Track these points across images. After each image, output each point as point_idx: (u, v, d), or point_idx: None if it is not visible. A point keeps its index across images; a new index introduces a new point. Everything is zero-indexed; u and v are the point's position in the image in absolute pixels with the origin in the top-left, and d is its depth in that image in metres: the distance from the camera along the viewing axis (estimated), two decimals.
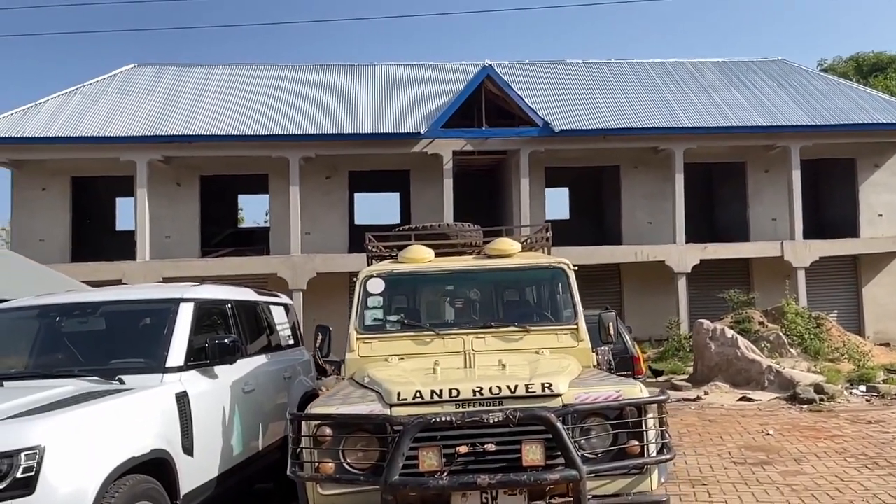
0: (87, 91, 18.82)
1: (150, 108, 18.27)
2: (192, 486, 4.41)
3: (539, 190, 19.76)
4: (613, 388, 3.61)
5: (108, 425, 3.74)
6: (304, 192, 17.96)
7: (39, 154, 17.34)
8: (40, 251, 17.20)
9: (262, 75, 20.41)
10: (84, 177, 18.98)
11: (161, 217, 18.19)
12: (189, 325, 4.82)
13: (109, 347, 4.85)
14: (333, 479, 3.42)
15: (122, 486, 3.64)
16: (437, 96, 19.71)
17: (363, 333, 4.73)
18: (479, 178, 21.58)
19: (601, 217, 22.54)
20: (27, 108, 17.76)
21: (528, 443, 3.35)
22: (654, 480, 3.57)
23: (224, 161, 18.31)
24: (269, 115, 18.37)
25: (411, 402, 3.52)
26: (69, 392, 4.02)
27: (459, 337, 4.65)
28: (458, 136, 18.26)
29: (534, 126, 18.33)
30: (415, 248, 5.28)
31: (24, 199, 18.56)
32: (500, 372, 3.97)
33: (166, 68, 20.50)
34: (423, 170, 19.16)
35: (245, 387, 5.34)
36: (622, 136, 18.66)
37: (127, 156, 17.13)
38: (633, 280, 19.95)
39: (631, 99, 19.95)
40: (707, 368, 13.08)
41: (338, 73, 20.80)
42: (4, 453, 3.21)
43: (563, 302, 4.89)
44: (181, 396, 4.43)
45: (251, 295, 6.33)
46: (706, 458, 7.33)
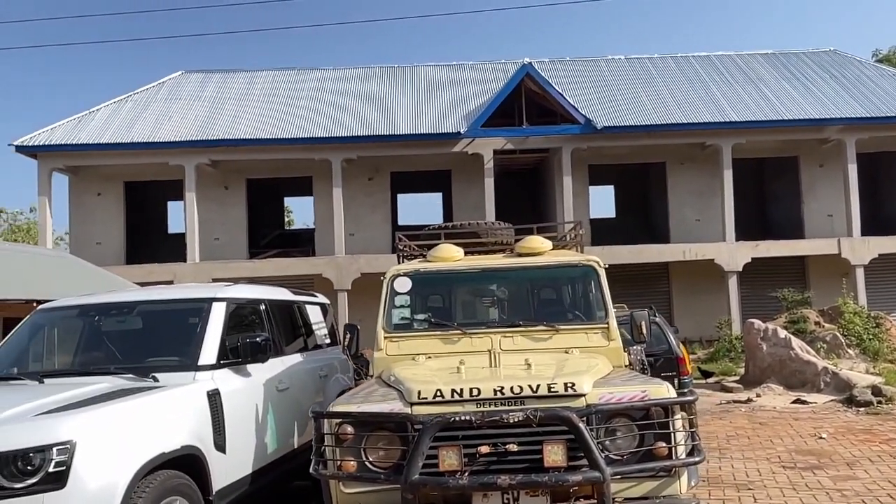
0: (137, 98, 19.40)
1: (197, 113, 18.72)
2: (225, 483, 4.47)
3: (582, 188, 19.53)
4: (639, 388, 3.52)
5: (139, 422, 3.82)
6: (347, 193, 18.14)
7: (94, 160, 17.94)
8: (97, 254, 17.83)
9: (304, 79, 20.70)
10: (137, 181, 19.56)
11: (210, 220, 18.62)
12: (221, 324, 4.89)
13: (145, 346, 4.96)
14: (355, 477, 3.42)
15: (152, 481, 3.71)
16: (478, 96, 19.67)
17: (391, 332, 4.72)
18: (521, 177, 21.45)
19: (648, 215, 22.15)
20: (82, 116, 18.39)
21: (549, 443, 3.29)
22: (684, 483, 3.46)
23: (269, 164, 18.64)
24: (311, 118, 18.62)
25: (432, 401, 3.50)
26: (103, 389, 4.11)
27: (487, 336, 4.61)
28: (499, 136, 18.18)
29: (575, 123, 18.12)
30: (444, 247, 5.25)
31: (80, 205, 19.24)
32: (525, 371, 3.92)
33: (212, 75, 20.98)
34: (464, 170, 19.14)
35: (279, 385, 5.39)
36: (667, 133, 18.30)
37: (176, 160, 17.59)
38: (681, 279, 19.54)
39: (675, 94, 19.55)
40: (759, 370, 12.72)
41: (379, 76, 20.95)
42: (37, 448, 3.30)
43: (594, 301, 4.80)
44: (213, 394, 4.49)
45: (286, 294, 6.39)
46: (754, 463, 7.11)
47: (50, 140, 17.49)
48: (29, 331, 5.10)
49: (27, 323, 5.14)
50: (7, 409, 3.63)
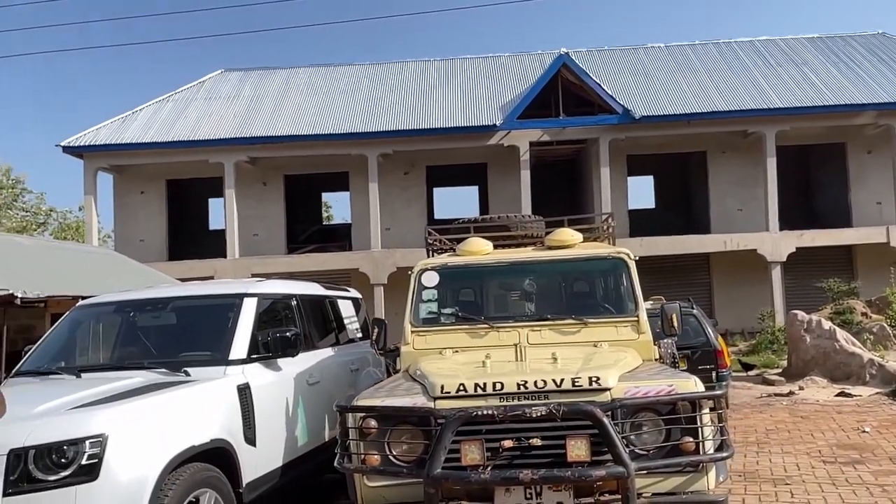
0: (178, 98, 19.79)
1: (236, 111, 19.01)
2: (255, 475, 4.54)
3: (621, 179, 19.27)
4: (666, 383, 3.45)
5: (170, 415, 3.90)
6: (383, 188, 18.23)
7: (137, 159, 18.38)
8: (141, 251, 18.29)
9: (340, 75, 20.84)
10: (178, 179, 19.98)
11: (249, 216, 18.92)
12: (252, 319, 4.96)
13: (179, 341, 5.06)
14: (378, 470, 3.43)
15: (182, 473, 3.79)
16: (514, 87, 19.54)
17: (418, 326, 4.73)
18: (558, 169, 21.27)
19: (688, 205, 21.74)
20: (125, 116, 18.85)
21: (573, 438, 3.26)
22: (712, 479, 3.39)
23: (306, 160, 18.83)
24: (347, 113, 18.75)
25: (455, 396, 3.49)
26: (137, 383, 4.21)
27: (515, 330, 4.58)
28: (535, 127, 18.04)
29: (613, 113, 17.87)
30: (473, 241, 5.23)
31: (124, 203, 19.74)
32: (550, 365, 3.88)
33: (250, 73, 21.27)
34: (500, 162, 19.06)
35: (310, 379, 5.44)
36: (708, 121, 17.92)
37: (215, 158, 17.90)
38: (723, 270, 19.15)
39: (717, 81, 19.12)
40: (802, 362, 12.41)
41: (414, 69, 20.96)
42: (71, 441, 3.39)
43: (624, 293, 4.73)
44: (243, 388, 4.56)
45: (317, 289, 6.45)
46: (793, 457, 6.94)
47: (95, 140, 17.97)
48: (68, 326, 5.25)
49: (67, 319, 5.29)
50: (44, 404, 3.75)
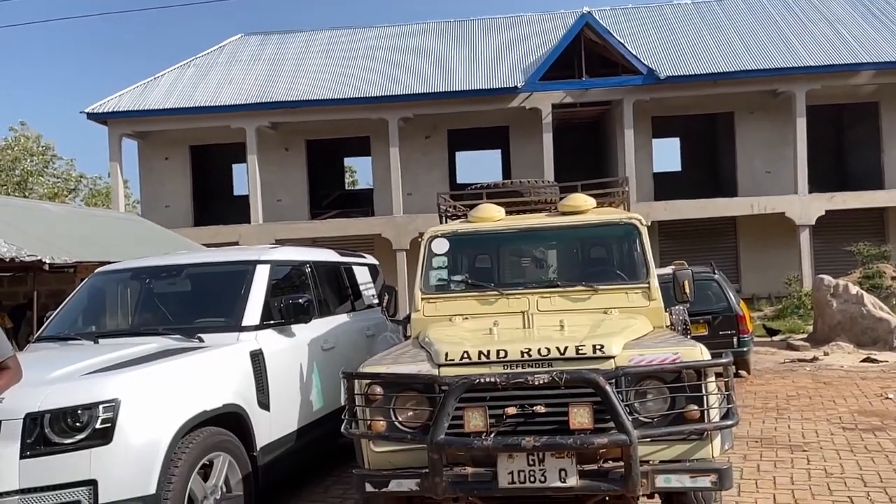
0: (199, 63, 19.79)
1: (256, 76, 18.98)
2: (269, 439, 4.63)
3: (645, 141, 18.97)
4: (671, 351, 3.42)
5: (182, 381, 3.98)
6: (404, 152, 18.16)
7: (160, 125, 18.50)
8: (166, 216, 18.54)
9: (361, 38, 20.64)
10: (202, 145, 20.11)
11: (272, 181, 19.02)
12: (265, 286, 5.01)
13: (194, 307, 5.14)
14: (384, 436, 3.47)
15: (195, 437, 3.88)
16: (536, 48, 19.21)
17: (428, 293, 4.73)
18: (581, 131, 20.98)
19: (715, 167, 21.36)
20: (147, 83, 18.93)
21: (575, 405, 3.25)
22: (717, 447, 3.37)
23: (327, 125, 18.80)
24: (368, 77, 18.62)
25: (459, 363, 3.50)
26: (151, 349, 4.30)
27: (524, 296, 4.56)
28: (557, 89, 17.76)
29: (637, 74, 17.52)
30: (484, 207, 5.20)
31: (149, 169, 19.95)
32: (557, 333, 3.87)
33: (270, 36, 21.16)
34: (522, 125, 18.85)
35: (324, 345, 5.50)
36: (736, 80, 17.50)
37: (237, 123, 17.95)
38: (750, 234, 18.88)
39: (745, 38, 18.59)
40: (828, 327, 12.26)
41: (435, 31, 20.68)
42: (85, 405, 3.48)
43: (635, 259, 4.67)
44: (256, 354, 4.63)
45: (332, 256, 6.49)
46: (812, 423, 6.89)
47: (118, 107, 18.12)
48: (87, 293, 5.35)
49: (86, 285, 5.40)
50: (60, 369, 3.85)
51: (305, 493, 5.39)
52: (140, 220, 16.87)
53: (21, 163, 32.21)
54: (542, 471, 3.27)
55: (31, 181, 32.68)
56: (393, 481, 3.42)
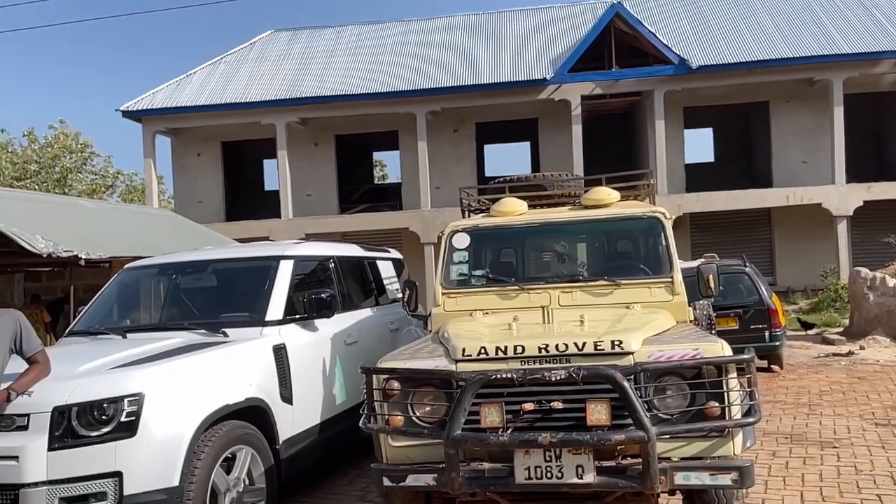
0: (229, 60, 20.02)
1: (286, 72, 19.14)
2: (292, 433, 4.68)
3: (677, 132, 18.69)
4: (691, 346, 3.36)
5: (205, 375, 4.04)
6: (432, 146, 18.16)
7: (192, 122, 18.77)
8: (199, 212, 18.83)
9: (389, 32, 20.66)
10: (233, 141, 20.36)
11: (302, 176, 19.18)
12: (288, 281, 5.06)
13: (218, 302, 5.22)
14: (401, 431, 3.49)
15: (218, 430, 3.94)
16: (565, 39, 19.02)
17: (448, 288, 4.73)
18: (612, 123, 20.74)
19: (749, 158, 20.95)
20: (180, 80, 19.21)
21: (593, 402, 3.23)
22: (738, 444, 3.31)
23: (356, 120, 18.88)
24: (396, 71, 18.64)
25: (476, 359, 3.49)
26: (176, 344, 4.37)
27: (546, 291, 4.53)
28: (586, 80, 17.57)
29: (668, 64, 17.25)
30: (507, 201, 5.17)
31: (182, 165, 20.27)
32: (577, 328, 3.83)
33: (300, 32, 21.30)
34: (551, 117, 18.71)
35: (347, 339, 5.54)
36: (770, 69, 17.14)
37: (267, 119, 18.13)
38: (785, 225, 18.50)
39: (780, 26, 18.17)
40: (864, 321, 11.96)
41: (463, 24, 20.61)
42: (110, 399, 3.56)
43: (658, 254, 4.61)
44: (279, 348, 4.68)
45: (355, 250, 6.52)
46: (844, 419, 6.74)
47: (151, 104, 18.43)
48: (117, 288, 5.47)
49: (115, 281, 5.51)
50: (87, 363, 3.94)
51: (329, 486, 5.44)
52: (173, 215, 17.15)
53: (61, 160, 32.95)
54: (559, 467, 3.25)
55: (70, 178, 33.41)
56: (410, 476, 3.44)
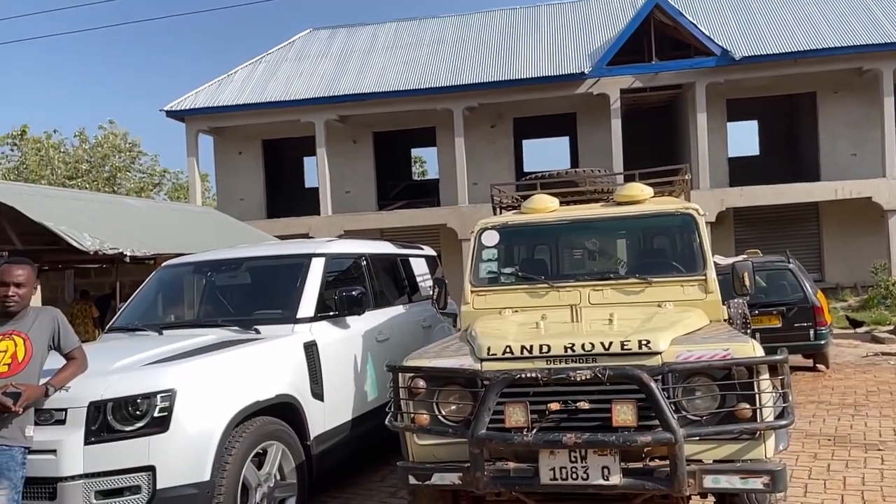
0: (269, 59, 20.28)
1: (324, 70, 19.30)
2: (323, 429, 4.73)
3: (720, 125, 18.28)
4: (721, 347, 3.29)
5: (236, 372, 4.11)
6: (469, 142, 18.12)
7: (234, 121, 19.08)
8: (241, 209, 19.15)
9: (426, 28, 20.66)
10: (273, 139, 20.62)
11: (341, 173, 19.34)
12: (319, 279, 5.10)
13: (252, 299, 5.31)
14: (426, 430, 3.49)
15: (248, 426, 4.01)
16: (603, 33, 18.76)
17: (477, 286, 4.72)
18: (652, 117, 20.38)
19: (796, 151, 20.36)
20: (221, 80, 19.54)
21: (619, 402, 3.18)
22: (770, 447, 3.23)
23: (394, 116, 18.95)
24: (432, 67, 18.64)
25: (501, 358, 3.47)
26: (209, 341, 4.45)
27: (576, 289, 4.49)
28: (625, 74, 17.30)
29: (710, 55, 16.88)
30: (538, 198, 5.13)
31: (224, 163, 20.63)
32: (606, 327, 3.78)
33: (338, 30, 21.45)
34: (590, 111, 18.49)
35: (379, 336, 5.57)
36: (818, 59, 16.61)
37: (306, 117, 18.32)
38: (834, 220, 17.95)
39: (828, 14, 17.60)
40: None
41: (500, 18, 20.48)
42: (144, 395, 3.64)
43: (691, 251, 4.52)
44: (310, 345, 4.73)
45: (388, 248, 6.56)
46: (891, 421, 6.53)
47: (194, 104, 18.78)
48: (155, 286, 5.59)
49: (153, 278, 5.64)
50: (123, 359, 4.04)
51: (362, 482, 5.49)
52: (216, 213, 17.48)
53: (110, 159, 33.87)
54: (584, 468, 3.22)
55: (119, 177, 34.33)
56: (436, 474, 3.45)
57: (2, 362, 3.47)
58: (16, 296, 3.53)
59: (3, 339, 3.51)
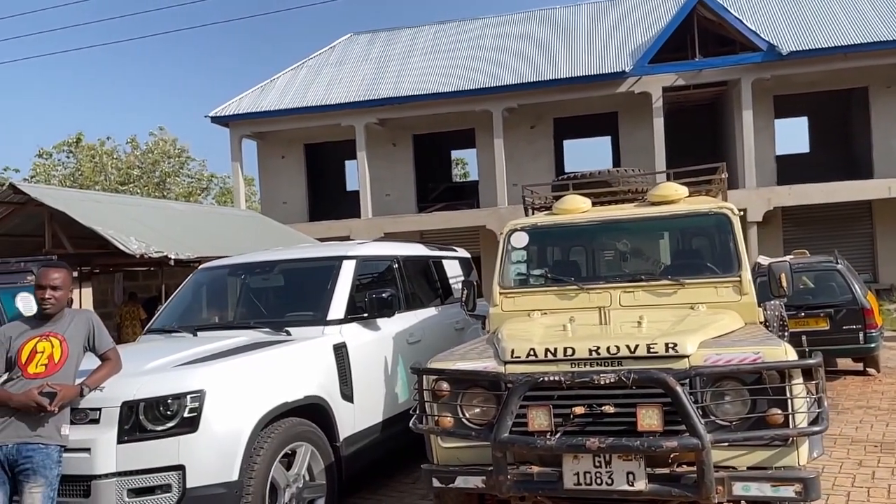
0: (310, 64, 20.55)
1: (364, 74, 19.46)
2: (353, 431, 4.75)
3: (767, 122, 17.82)
4: (751, 350, 3.19)
5: (265, 373, 4.15)
6: (508, 143, 18.05)
7: (276, 126, 19.39)
8: (284, 213, 19.44)
9: (465, 30, 20.66)
10: (315, 143, 20.88)
11: (381, 176, 19.47)
12: (350, 281, 5.13)
13: (284, 302, 5.37)
14: (449, 432, 3.48)
15: (277, 427, 4.05)
16: (645, 31, 18.48)
17: (506, 288, 4.68)
18: (696, 115, 19.99)
19: (848, 147, 19.70)
20: (264, 85, 19.88)
21: (643, 406, 3.11)
22: (803, 454, 3.12)
23: (433, 119, 18.99)
24: (471, 69, 18.62)
25: (525, 360, 3.44)
26: (240, 342, 4.52)
27: (606, 291, 4.42)
28: (668, 71, 17.00)
29: (756, 51, 16.46)
30: (569, 199, 5.08)
31: (267, 167, 20.98)
32: (634, 329, 3.71)
33: (378, 34, 21.61)
34: (632, 110, 18.22)
35: (410, 338, 5.58)
36: (869, 52, 16.06)
37: (346, 121, 18.51)
38: (888, 219, 17.31)
39: (878, 6, 17.00)
40: None
41: (540, 19, 20.36)
42: (174, 395, 3.71)
43: (726, 251, 4.40)
44: (339, 347, 4.76)
45: (420, 250, 6.56)
46: None
47: (238, 110, 19.15)
48: (192, 288, 5.70)
49: (190, 281, 5.76)
50: (156, 360, 4.13)
51: (394, 484, 5.50)
52: (259, 216, 17.80)
53: (160, 165, 34.81)
54: (608, 473, 3.16)
55: (168, 182, 35.25)
56: (459, 478, 3.43)
57: (39, 363, 3.58)
58: (52, 298, 3.64)
59: (40, 340, 3.63)
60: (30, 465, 3.43)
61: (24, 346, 3.59)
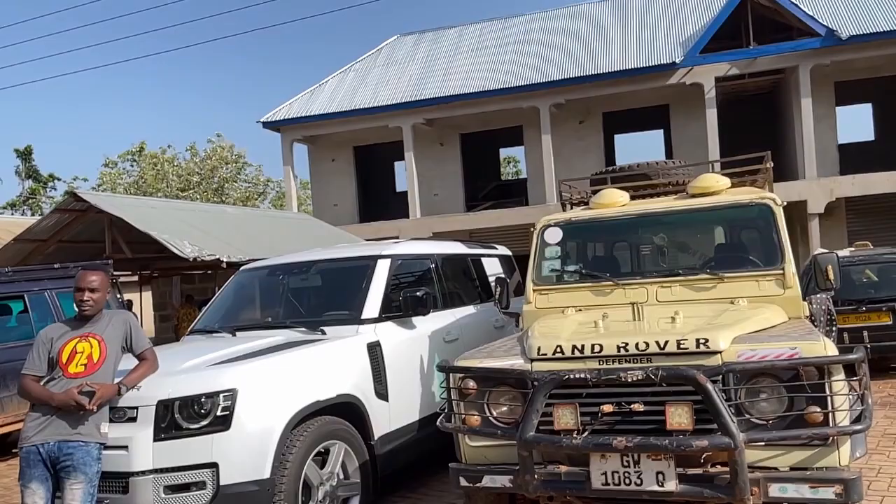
0: (358, 67, 20.75)
1: (411, 74, 19.54)
2: (388, 429, 4.76)
3: (827, 110, 17.11)
4: (788, 346, 3.04)
5: (297, 372, 4.19)
6: (557, 139, 17.84)
7: (326, 129, 19.65)
8: (334, 214, 19.70)
9: (511, 27, 20.51)
10: (364, 145, 21.08)
11: (429, 176, 19.52)
12: (385, 280, 5.14)
13: (321, 301, 5.41)
14: (476, 431, 3.44)
15: (309, 425, 4.08)
16: (695, 20, 17.99)
17: (539, 284, 4.61)
18: (752, 104, 19.34)
19: None
20: (313, 90, 20.17)
21: (672, 404, 3.01)
22: (844, 454, 2.96)
23: (480, 117, 18.92)
24: (518, 66, 18.48)
25: (551, 357, 3.37)
26: (275, 342, 4.57)
27: (642, 287, 4.30)
28: (720, 61, 16.50)
29: (814, 36, 15.82)
30: (607, 193, 4.97)
31: (318, 170, 21.29)
32: (668, 325, 3.59)
33: (424, 35, 21.67)
34: (683, 102, 17.77)
35: (446, 336, 5.55)
36: None
37: (394, 122, 18.62)
38: None
39: None
40: None
41: (586, 13, 20.05)
42: (209, 394, 3.79)
43: (768, 243, 4.22)
44: (373, 345, 4.77)
45: (458, 248, 6.53)
46: None
47: (288, 114, 19.49)
48: (233, 289, 5.81)
49: (232, 282, 5.87)
50: (192, 359, 4.21)
51: (433, 483, 5.47)
52: (310, 218, 18.09)
53: (218, 171, 35.76)
54: (637, 473, 3.07)
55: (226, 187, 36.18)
56: (486, 477, 3.39)
57: (79, 363, 3.70)
58: (90, 300, 3.76)
59: (79, 340, 3.75)
60: (70, 462, 3.54)
61: (64, 346, 3.72)
